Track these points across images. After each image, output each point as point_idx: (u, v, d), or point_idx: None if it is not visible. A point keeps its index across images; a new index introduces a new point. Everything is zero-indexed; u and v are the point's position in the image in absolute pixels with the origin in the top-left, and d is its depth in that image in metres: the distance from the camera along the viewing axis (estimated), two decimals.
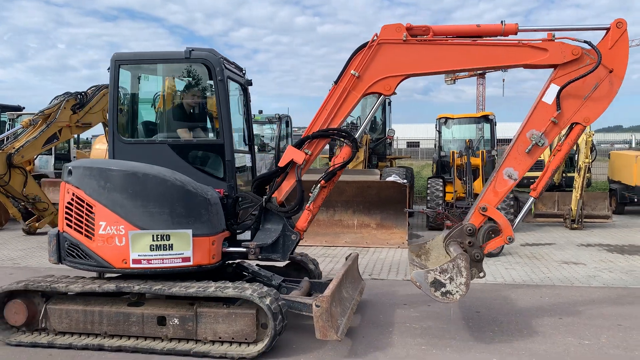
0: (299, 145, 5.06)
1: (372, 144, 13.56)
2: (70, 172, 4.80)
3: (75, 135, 15.08)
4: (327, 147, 14.84)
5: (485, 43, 4.87)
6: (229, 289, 4.49)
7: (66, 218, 4.81)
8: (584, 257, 8.79)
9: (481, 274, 4.86)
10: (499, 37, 4.92)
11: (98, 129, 12.98)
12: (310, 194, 5.16)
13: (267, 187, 5.32)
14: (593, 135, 11.28)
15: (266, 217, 5.14)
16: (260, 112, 18.96)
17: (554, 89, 4.76)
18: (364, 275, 7.28)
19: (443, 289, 4.41)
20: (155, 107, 5.66)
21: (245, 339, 4.49)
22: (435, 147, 15.01)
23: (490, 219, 4.96)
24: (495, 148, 14.14)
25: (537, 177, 15.50)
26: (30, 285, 4.77)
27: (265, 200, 5.07)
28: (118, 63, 5.28)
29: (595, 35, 4.93)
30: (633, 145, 29.35)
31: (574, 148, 11.67)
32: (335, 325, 4.42)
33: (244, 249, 5.01)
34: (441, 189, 11.75)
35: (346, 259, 5.97)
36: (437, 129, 14.24)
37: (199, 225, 4.70)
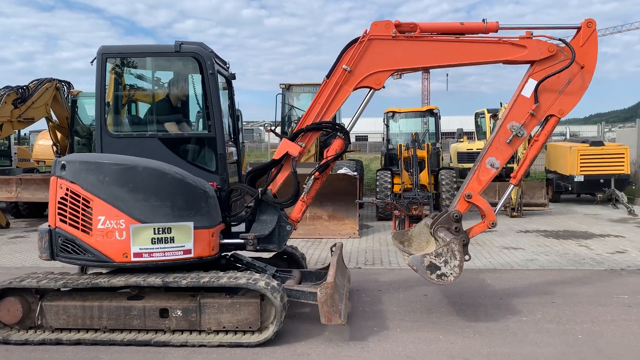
0: (293, 138, 5.21)
1: (322, 138, 13.79)
2: (63, 167, 4.75)
3: (17, 131, 14.47)
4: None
5: (468, 40, 5.19)
6: (242, 279, 4.62)
7: (60, 214, 4.76)
8: (523, 243, 9.31)
9: (467, 257, 5.20)
10: (480, 35, 5.24)
11: (41, 124, 12.56)
12: (304, 186, 5.33)
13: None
14: None
15: (261, 209, 5.27)
16: None
17: (532, 83, 5.14)
18: (317, 265, 7.59)
19: (438, 272, 4.71)
20: (143, 102, 5.64)
21: (250, 328, 4.63)
22: (383, 140, 15.38)
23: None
24: (440, 141, 14.69)
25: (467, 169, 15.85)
26: (28, 282, 4.71)
27: (262, 192, 5.19)
28: (105, 56, 5.23)
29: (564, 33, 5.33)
30: (567, 137, 31.15)
31: None
32: (337, 311, 4.63)
33: (242, 240, 5.12)
34: (389, 180, 12.13)
35: (331, 249, 6.18)
36: (385, 122, 14.59)
37: (199, 218, 4.78)
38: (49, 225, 4.86)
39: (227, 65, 6.09)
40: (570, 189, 14.59)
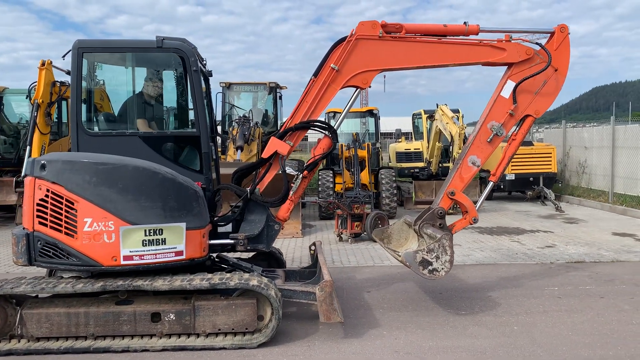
0: (281, 136, 5.22)
1: (264, 138, 13.78)
2: (43, 167, 4.52)
3: None
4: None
5: (452, 42, 5.40)
6: (234, 280, 4.59)
7: (39, 216, 4.53)
8: (459, 239, 9.47)
9: None
10: (462, 37, 5.46)
11: None
12: (292, 185, 5.36)
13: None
14: (465, 128, 12.38)
15: (249, 209, 5.25)
16: None
17: (510, 85, 5.43)
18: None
19: (430, 267, 4.89)
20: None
21: (246, 329, 4.61)
22: None
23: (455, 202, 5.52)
24: (379, 141, 15.06)
25: (416, 167, 16.23)
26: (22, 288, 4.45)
27: (250, 191, 5.17)
28: (81, 51, 5.04)
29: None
30: None
31: (449, 140, 12.72)
32: (336, 309, 4.69)
33: (232, 241, 5.08)
34: (331, 180, 12.28)
35: (311, 247, 6.23)
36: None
37: (191, 219, 4.71)
38: (25, 229, 4.61)
39: (204, 62, 6.01)
40: (502, 187, 15.24)
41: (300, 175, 5.36)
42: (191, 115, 5.41)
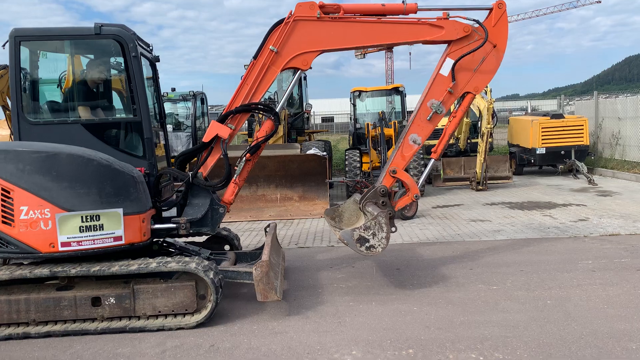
0: (222, 120, 5.29)
1: (290, 119, 13.85)
2: None
3: None
4: (246, 123, 14.83)
5: (390, 21, 5.46)
6: (172, 263, 4.70)
7: None
8: (489, 215, 9.73)
9: (393, 229, 5.53)
10: (401, 16, 5.50)
11: None
12: (235, 168, 5.43)
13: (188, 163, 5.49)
14: (494, 102, 12.30)
15: (193, 193, 5.33)
16: (173, 89, 18.31)
17: (449, 62, 5.50)
18: (289, 245, 7.85)
19: (367, 244, 5.00)
20: (62, 87, 5.48)
21: (186, 310, 4.73)
22: (350, 119, 15.45)
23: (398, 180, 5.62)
24: (406, 118, 14.95)
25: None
26: None
27: (192, 175, 5.24)
28: (18, 39, 5.06)
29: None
30: (529, 111, 32.34)
31: (477, 115, 12.68)
32: (273, 287, 4.81)
33: (174, 225, 5.17)
34: (358, 159, 12.38)
35: (266, 229, 6.33)
36: (352, 102, 14.71)
37: (128, 204, 4.79)
38: None
39: (151, 48, 6.03)
40: (532, 161, 15.07)
41: (244, 159, 5.43)
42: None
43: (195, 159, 5.46)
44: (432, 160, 5.87)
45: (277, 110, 5.49)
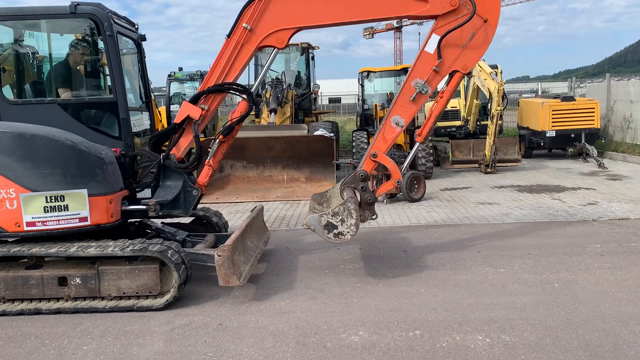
0: (194, 100, 5.19)
1: (297, 100, 13.73)
2: None
3: None
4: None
5: None
6: (129, 247, 4.66)
7: None
8: (498, 198, 9.61)
9: (374, 216, 5.32)
10: None
11: None
12: (209, 149, 5.34)
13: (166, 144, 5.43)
14: (504, 84, 12.03)
15: (165, 174, 5.29)
16: (180, 69, 18.41)
17: (434, 39, 5.16)
18: (296, 225, 7.81)
19: (335, 231, 4.82)
20: (37, 66, 5.52)
21: (150, 292, 4.72)
22: (358, 100, 15.36)
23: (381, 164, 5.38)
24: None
25: (453, 126, 16.28)
26: None
27: (163, 157, 5.19)
28: None
29: None
30: (539, 93, 31.47)
31: (487, 97, 12.42)
32: (237, 272, 4.74)
33: (144, 207, 5.14)
34: (365, 140, 12.25)
35: (251, 211, 6.24)
36: (360, 82, 14.55)
37: (94, 185, 4.79)
38: None
39: (136, 27, 5.99)
40: (542, 144, 14.86)
41: (217, 140, 5.32)
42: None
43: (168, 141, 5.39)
44: (418, 144, 5.58)
45: (251, 90, 5.34)
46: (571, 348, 3.80)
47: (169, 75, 18.22)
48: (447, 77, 5.38)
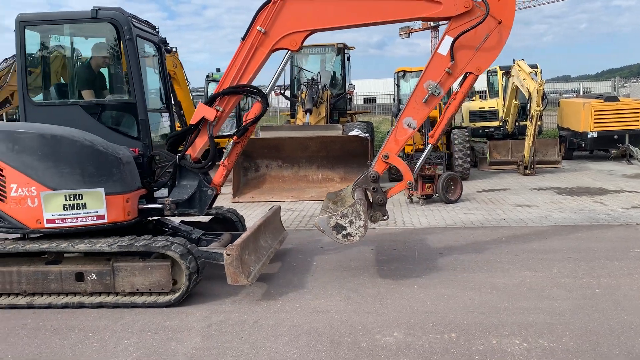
0: (210, 102, 5.31)
1: (332, 100, 13.77)
2: None
3: None
4: (288, 104, 14.73)
5: None
6: (140, 242, 4.83)
7: None
8: (537, 200, 9.49)
9: (385, 217, 5.33)
10: None
11: None
12: (224, 150, 5.45)
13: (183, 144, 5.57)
14: (544, 84, 11.79)
15: (181, 174, 5.43)
16: (218, 70, 18.73)
17: (448, 40, 5.14)
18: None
19: (344, 232, 4.85)
20: (64, 69, 5.73)
21: (162, 289, 4.86)
22: (393, 100, 15.29)
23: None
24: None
25: (491, 127, 15.95)
26: None
27: (179, 157, 5.33)
28: (23, 24, 5.36)
29: None
30: (581, 93, 30.70)
31: (526, 97, 12.21)
32: (247, 271, 4.82)
33: (160, 205, 5.29)
34: None
35: (269, 210, 6.33)
36: (396, 82, 14.48)
37: (111, 184, 4.97)
38: None
39: (157, 30, 6.15)
40: (583, 145, 14.58)
41: (232, 141, 5.43)
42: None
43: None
44: (430, 145, 5.56)
45: (265, 92, 5.42)
46: (612, 355, 3.71)
47: (207, 77, 18.56)
48: (460, 78, 5.34)
